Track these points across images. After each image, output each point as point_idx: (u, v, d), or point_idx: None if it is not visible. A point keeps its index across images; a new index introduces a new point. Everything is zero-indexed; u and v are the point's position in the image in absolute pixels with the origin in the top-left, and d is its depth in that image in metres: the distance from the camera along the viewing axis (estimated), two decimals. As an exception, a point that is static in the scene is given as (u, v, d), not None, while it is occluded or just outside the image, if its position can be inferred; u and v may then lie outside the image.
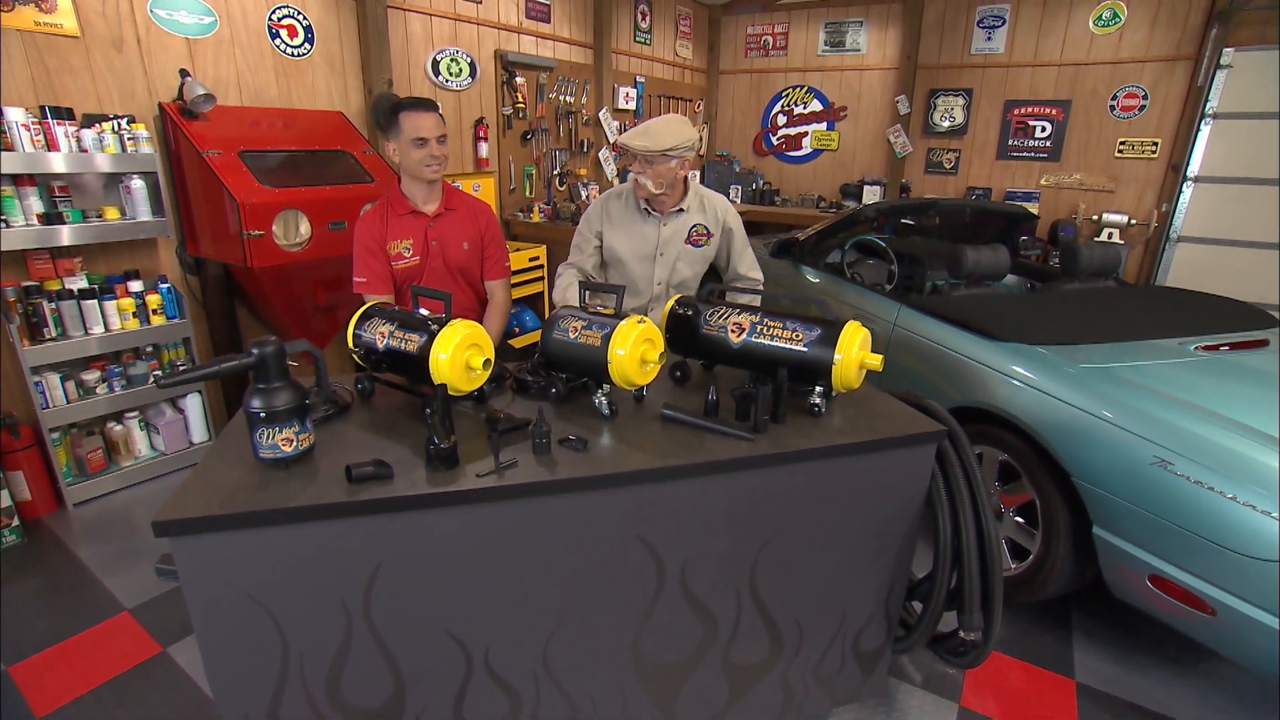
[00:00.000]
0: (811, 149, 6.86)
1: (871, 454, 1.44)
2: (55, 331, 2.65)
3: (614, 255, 2.25)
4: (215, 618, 1.12)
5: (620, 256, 2.23)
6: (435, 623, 1.25)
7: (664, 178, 2.06)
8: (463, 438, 1.36)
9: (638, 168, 2.06)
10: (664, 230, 2.20)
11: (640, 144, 1.99)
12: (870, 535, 1.56)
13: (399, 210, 2.13)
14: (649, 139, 1.99)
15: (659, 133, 1.99)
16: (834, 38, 6.52)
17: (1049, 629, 2.21)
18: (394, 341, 1.41)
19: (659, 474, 1.25)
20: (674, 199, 2.18)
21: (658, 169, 2.03)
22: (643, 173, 2.05)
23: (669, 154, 2.00)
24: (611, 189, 2.31)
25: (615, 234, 2.24)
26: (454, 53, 4.22)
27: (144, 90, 2.87)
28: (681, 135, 2.00)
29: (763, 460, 1.33)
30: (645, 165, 2.04)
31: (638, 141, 1.99)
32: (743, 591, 1.47)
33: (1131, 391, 1.97)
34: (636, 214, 2.21)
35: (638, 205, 2.21)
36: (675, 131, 2.00)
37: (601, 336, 1.39)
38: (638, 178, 2.07)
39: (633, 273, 2.25)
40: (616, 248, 2.23)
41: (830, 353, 1.44)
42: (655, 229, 2.21)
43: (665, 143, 1.98)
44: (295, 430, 1.17)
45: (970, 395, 2.36)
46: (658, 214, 2.19)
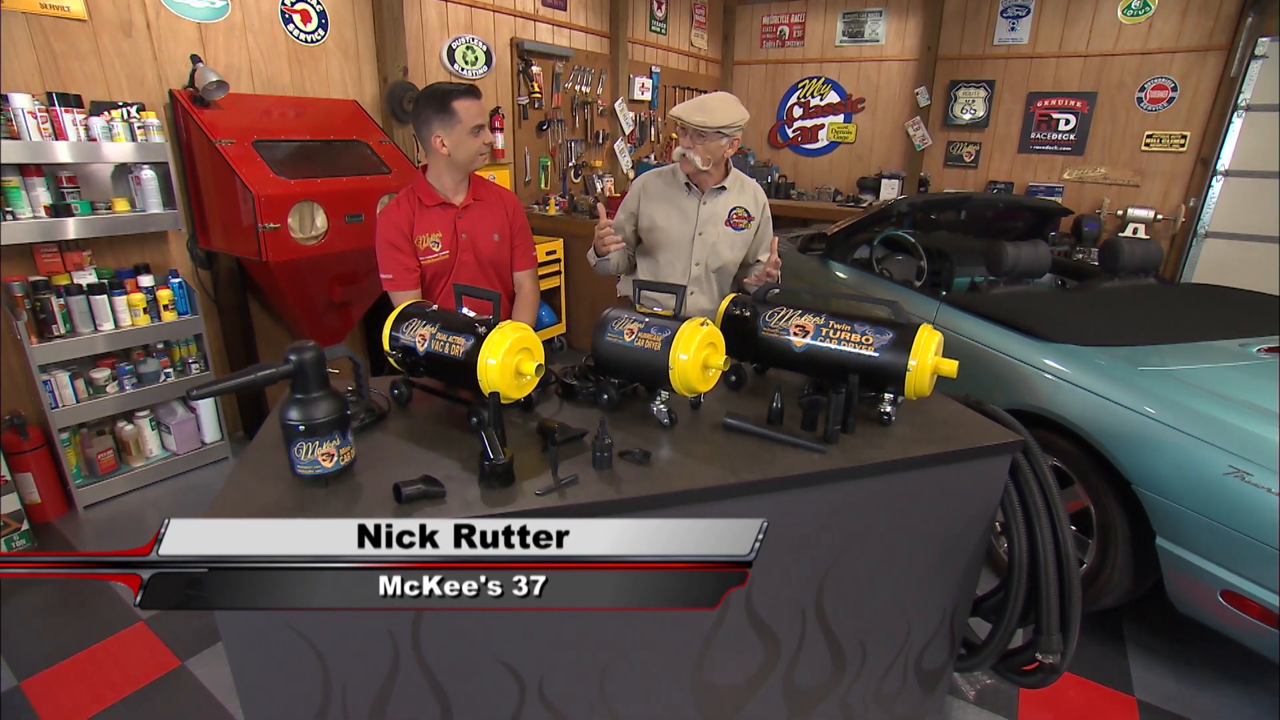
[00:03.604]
0: (828, 141, 6.74)
1: (946, 465, 1.35)
2: (64, 328, 2.55)
3: (652, 230, 2.16)
4: (252, 648, 1.03)
5: (658, 233, 2.16)
6: (488, 652, 1.15)
7: (712, 154, 2.02)
8: (513, 449, 1.26)
9: (687, 142, 2.02)
10: (704, 209, 2.14)
11: (698, 119, 1.94)
12: (939, 550, 1.47)
13: (427, 202, 2.02)
14: (706, 115, 1.94)
15: (715, 109, 1.95)
16: (852, 28, 6.39)
17: (1101, 641, 2.12)
18: (436, 345, 1.31)
19: (733, 490, 1.15)
20: (716, 177, 2.13)
21: (709, 145, 1.99)
22: (692, 147, 2.01)
23: (723, 131, 1.97)
24: (650, 171, 2.24)
25: (655, 207, 2.16)
26: (470, 40, 4.10)
27: (154, 77, 2.76)
28: (736, 114, 1.97)
29: (838, 474, 1.23)
30: (697, 140, 2.00)
31: (696, 116, 1.95)
32: (808, 611, 1.38)
33: (1199, 396, 1.87)
34: (678, 189, 2.16)
35: (679, 181, 2.14)
36: (731, 110, 1.97)
37: (662, 340, 1.29)
38: (685, 152, 2.03)
39: (670, 253, 2.17)
40: (656, 219, 2.15)
41: (904, 358, 1.34)
42: (695, 205, 2.14)
43: (721, 119, 1.94)
44: (336, 444, 1.08)
45: (1016, 398, 2.27)
46: (699, 190, 2.13)
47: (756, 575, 1.28)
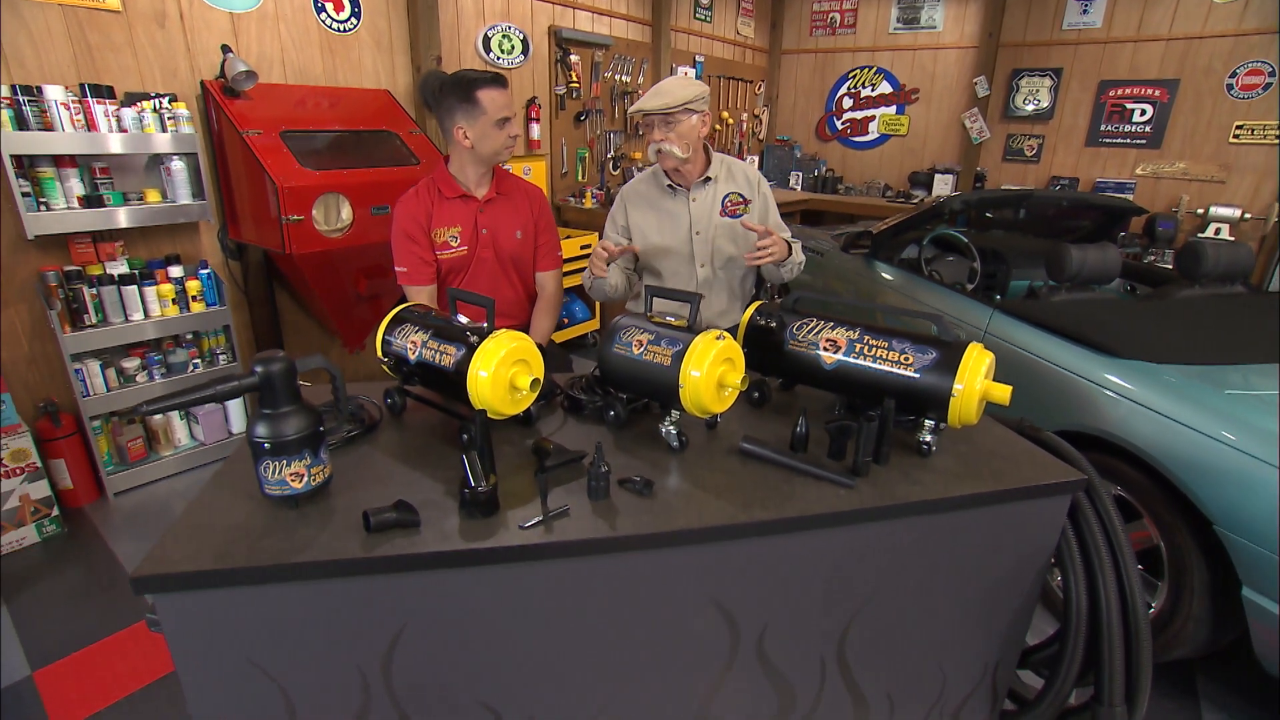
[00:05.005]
0: (879, 134, 6.44)
1: (994, 506, 1.18)
2: (96, 318, 2.57)
3: (647, 242, 2.01)
4: (210, 683, 0.95)
5: (653, 242, 2.00)
6: (468, 692, 1.05)
7: (687, 137, 1.85)
8: (506, 470, 1.15)
9: (658, 134, 1.85)
10: (694, 206, 1.97)
11: (657, 103, 1.79)
12: (982, 597, 1.30)
13: (447, 194, 1.93)
14: (663, 97, 1.79)
15: (672, 89, 1.80)
16: (908, 14, 6.07)
17: (1173, 697, 1.90)
18: (427, 353, 1.21)
19: (741, 530, 1.02)
20: (698, 168, 1.96)
21: (679, 129, 1.83)
22: (664, 139, 1.84)
23: (689, 107, 1.80)
24: (627, 183, 2.10)
25: (644, 216, 2.01)
26: (506, 28, 4.01)
27: (186, 68, 2.76)
28: (695, 88, 1.81)
29: (866, 514, 1.08)
30: (666, 128, 1.83)
31: (653, 102, 1.80)
32: (829, 660, 1.24)
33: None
34: (661, 192, 2.00)
35: (660, 185, 1.99)
36: (688, 85, 1.81)
37: (673, 354, 1.16)
38: (661, 146, 1.85)
39: (671, 261, 2.01)
40: (647, 231, 2.00)
41: (948, 381, 1.17)
42: (684, 205, 1.98)
43: (681, 96, 1.78)
44: (306, 463, 0.99)
45: (1077, 418, 2.05)
46: (683, 188, 1.97)
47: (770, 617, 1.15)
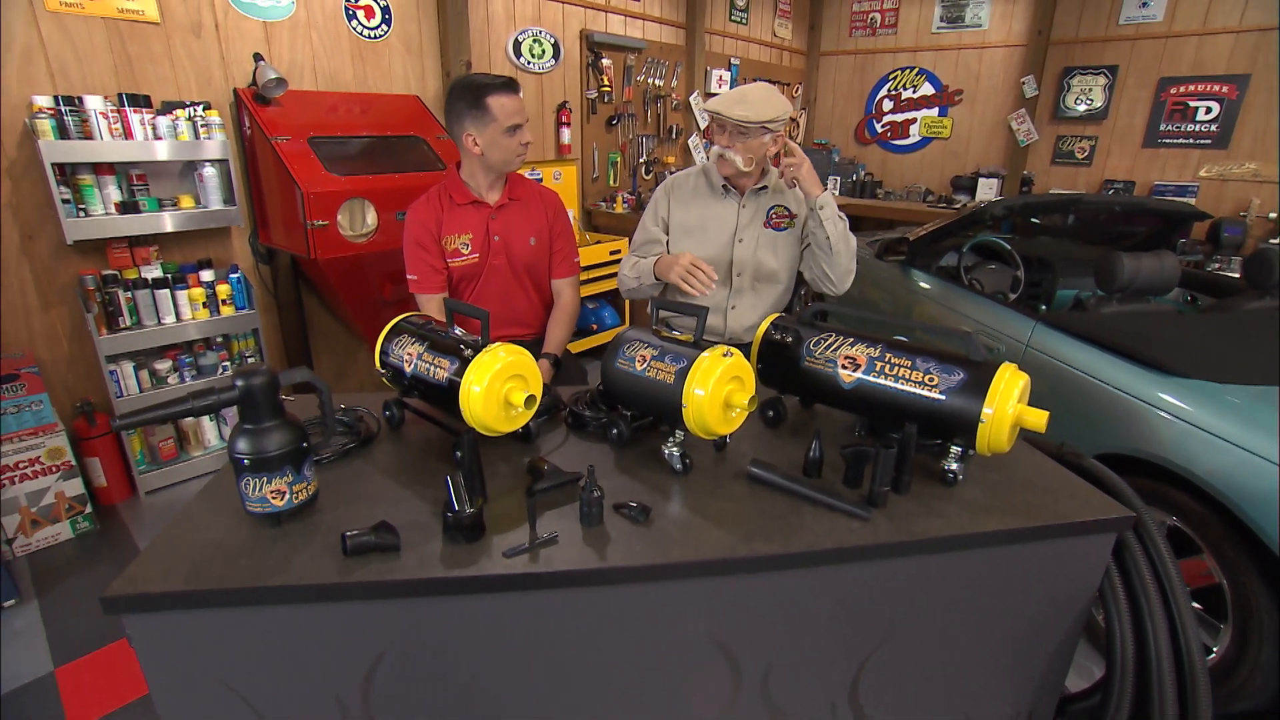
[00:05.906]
0: (920, 137, 6.23)
1: (1026, 544, 1.08)
2: (130, 320, 2.63)
3: (684, 239, 1.94)
4: (183, 706, 0.92)
5: (691, 242, 1.92)
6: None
7: (755, 153, 1.77)
8: (498, 490, 1.10)
9: (725, 140, 1.77)
10: (744, 212, 1.90)
11: (740, 113, 1.69)
12: (1013, 641, 1.19)
13: (458, 199, 1.90)
14: (748, 108, 1.69)
15: (758, 102, 1.70)
16: (951, 13, 5.86)
17: (1232, 751, 1.73)
18: (422, 367, 1.17)
19: (739, 565, 0.94)
20: (756, 176, 1.89)
21: (750, 143, 1.75)
22: (731, 146, 1.76)
23: (767, 126, 1.72)
24: (676, 174, 2.01)
25: (687, 213, 1.93)
26: (537, 33, 4.01)
27: (221, 76, 2.81)
28: (781, 107, 1.73)
29: (881, 550, 0.99)
30: (738, 138, 1.75)
31: (736, 110, 1.69)
32: (840, 705, 1.15)
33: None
34: (712, 193, 1.92)
35: (712, 184, 1.91)
36: (774, 102, 1.72)
37: (676, 371, 1.09)
38: (724, 152, 1.77)
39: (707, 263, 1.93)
40: (689, 227, 1.93)
41: (977, 405, 1.07)
42: (734, 209, 1.90)
43: (766, 114, 1.69)
44: (288, 480, 0.95)
45: (1126, 441, 1.90)
46: (737, 192, 1.89)
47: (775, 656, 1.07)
